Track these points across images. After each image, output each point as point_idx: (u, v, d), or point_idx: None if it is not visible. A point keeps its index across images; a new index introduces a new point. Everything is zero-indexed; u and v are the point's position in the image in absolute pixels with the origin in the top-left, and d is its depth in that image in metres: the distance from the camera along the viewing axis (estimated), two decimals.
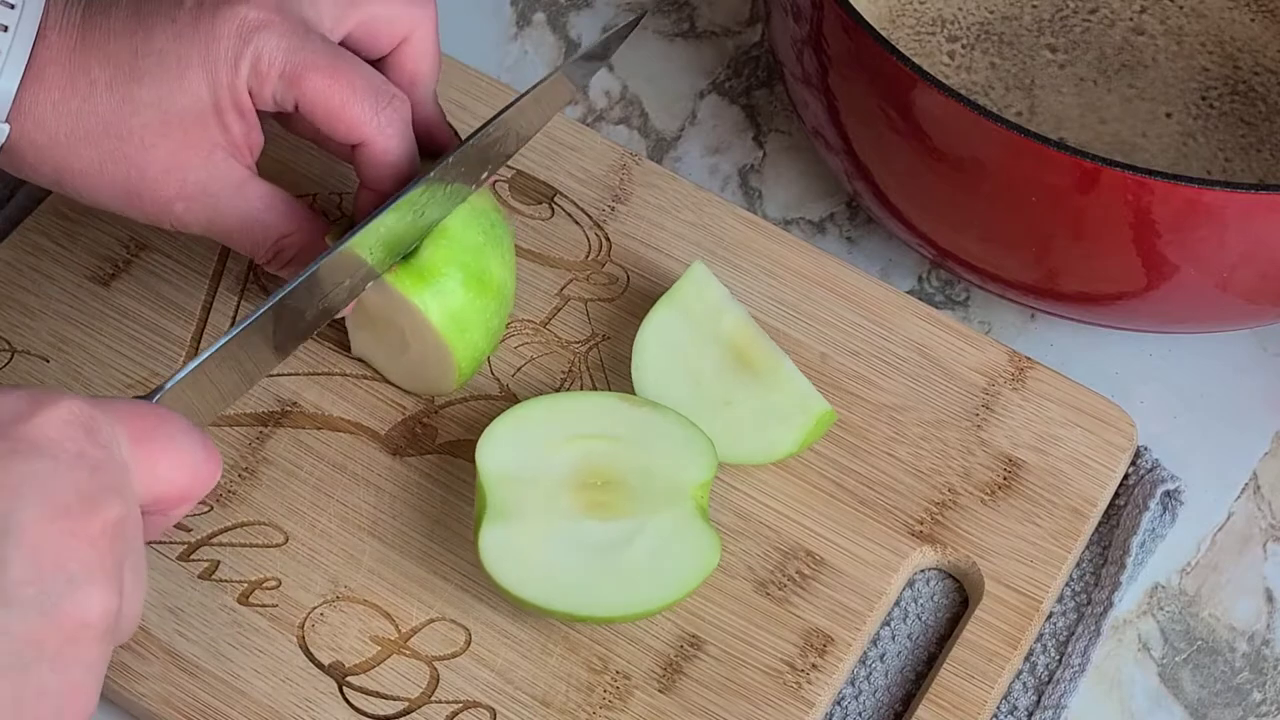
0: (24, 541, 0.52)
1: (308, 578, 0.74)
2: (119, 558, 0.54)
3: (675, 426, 0.73)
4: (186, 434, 0.58)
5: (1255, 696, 0.76)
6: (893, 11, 0.90)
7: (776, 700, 0.72)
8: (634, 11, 0.93)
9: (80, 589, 0.53)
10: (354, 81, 0.69)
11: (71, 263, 0.81)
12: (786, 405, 0.75)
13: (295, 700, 0.71)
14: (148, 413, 0.57)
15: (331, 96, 0.68)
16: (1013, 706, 0.74)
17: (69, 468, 0.53)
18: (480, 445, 0.72)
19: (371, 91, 0.69)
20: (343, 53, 0.69)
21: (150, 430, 0.57)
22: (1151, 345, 0.84)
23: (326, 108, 0.68)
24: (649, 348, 0.77)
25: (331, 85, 0.68)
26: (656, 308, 0.77)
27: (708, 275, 0.77)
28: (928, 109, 0.73)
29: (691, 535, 0.71)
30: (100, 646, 0.54)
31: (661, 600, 0.71)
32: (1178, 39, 0.90)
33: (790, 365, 0.76)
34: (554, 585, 0.70)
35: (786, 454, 0.76)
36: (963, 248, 0.79)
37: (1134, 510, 0.77)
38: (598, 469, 0.73)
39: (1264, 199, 0.70)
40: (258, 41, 0.67)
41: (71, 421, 0.54)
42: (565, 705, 0.72)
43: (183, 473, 0.57)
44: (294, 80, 0.68)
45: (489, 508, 0.71)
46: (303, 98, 0.68)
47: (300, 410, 0.78)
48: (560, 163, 0.85)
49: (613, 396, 0.74)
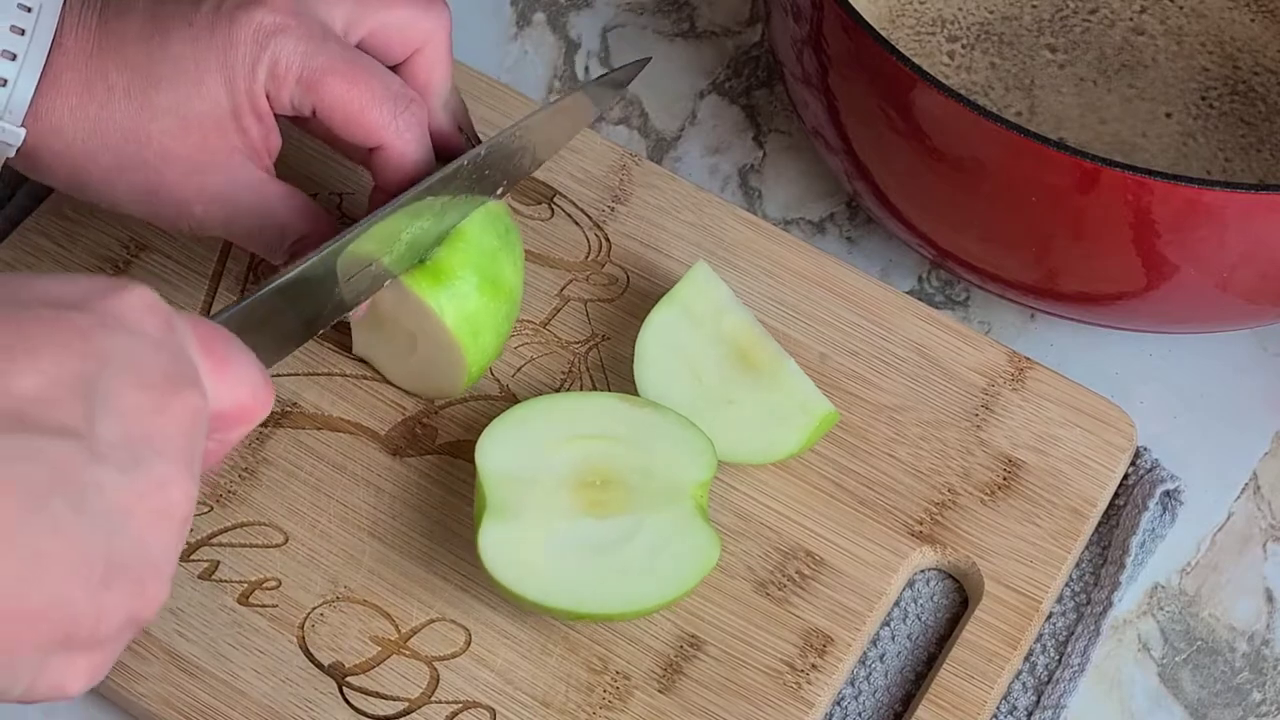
0: (113, 406, 0.51)
1: (308, 578, 0.74)
2: (196, 450, 0.53)
3: (675, 426, 0.73)
4: (246, 353, 0.57)
5: (1255, 696, 0.76)
6: (893, 11, 0.90)
7: (776, 700, 0.72)
8: (634, 11, 0.93)
9: (165, 464, 0.51)
10: (372, 85, 0.69)
11: (71, 263, 0.81)
12: (788, 405, 0.76)
13: (295, 701, 0.71)
14: (213, 328, 0.56)
15: (350, 101, 0.68)
16: (1012, 706, 0.74)
17: (154, 348, 0.52)
18: (480, 445, 0.72)
19: (390, 96, 0.69)
20: (360, 56, 0.69)
21: (216, 343, 0.55)
22: (1151, 345, 0.84)
23: (345, 112, 0.68)
24: (651, 347, 0.77)
25: (350, 90, 0.68)
26: (659, 307, 0.77)
27: (711, 275, 0.77)
28: (928, 109, 0.73)
29: (691, 534, 0.71)
30: (178, 536, 0.52)
31: (660, 598, 0.71)
32: (1178, 39, 0.90)
33: (793, 366, 0.76)
34: (553, 583, 0.70)
35: (788, 454, 0.76)
36: (963, 248, 0.79)
37: (1134, 510, 0.77)
38: (597, 468, 0.73)
39: (1264, 199, 0.70)
40: (275, 46, 0.67)
41: (153, 307, 0.53)
42: (565, 705, 0.72)
43: (244, 390, 0.56)
44: (312, 85, 0.68)
45: (488, 507, 0.71)
46: (321, 102, 0.68)
47: (300, 410, 0.78)
48: (560, 163, 0.85)
49: (612, 397, 0.74)
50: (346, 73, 0.68)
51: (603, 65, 0.92)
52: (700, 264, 0.78)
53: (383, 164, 0.70)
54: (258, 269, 0.81)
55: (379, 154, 0.70)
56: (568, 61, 0.92)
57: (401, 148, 0.70)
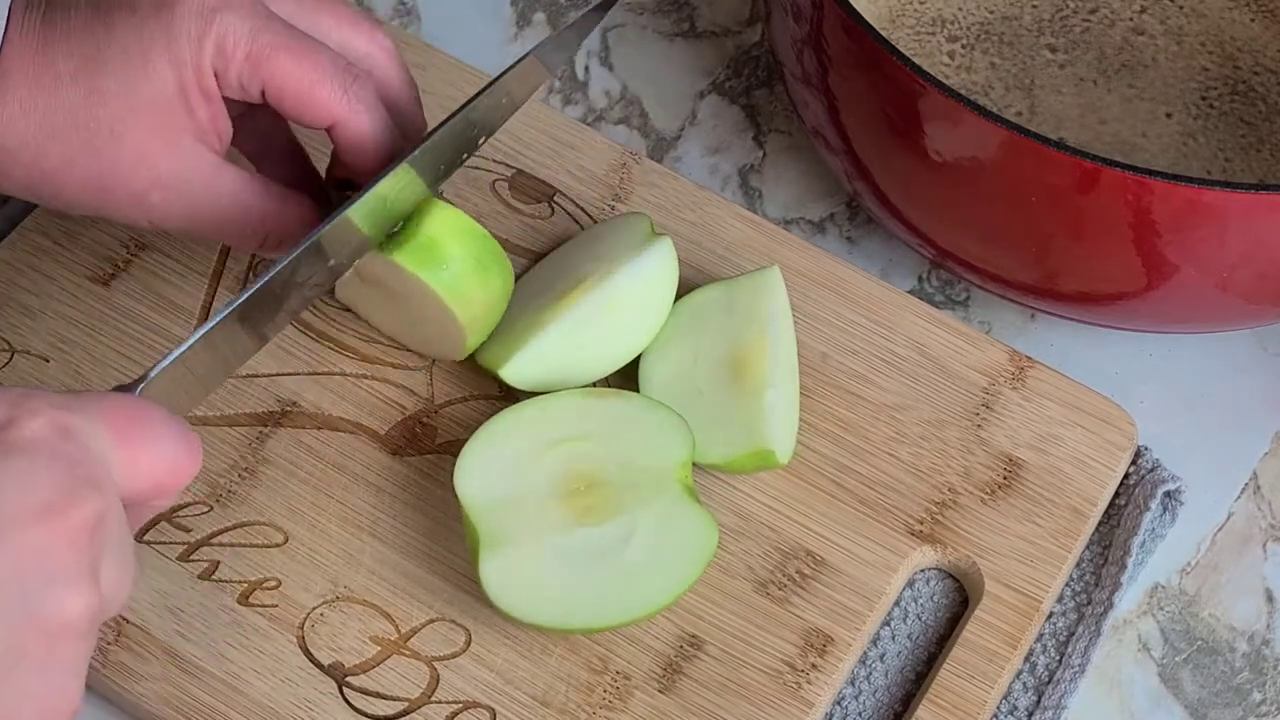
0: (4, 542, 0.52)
1: (308, 578, 0.74)
2: (98, 554, 0.54)
3: (643, 410, 0.73)
4: (166, 425, 0.57)
5: (1255, 696, 0.76)
6: (893, 11, 0.90)
7: (776, 700, 0.72)
8: (634, 11, 0.93)
9: (60, 588, 0.52)
10: (320, 62, 0.69)
11: (71, 263, 0.81)
12: (737, 423, 0.75)
13: (295, 701, 0.71)
14: (127, 405, 0.57)
15: (300, 78, 0.68)
16: (1013, 707, 0.74)
17: (45, 466, 0.53)
18: (457, 478, 0.72)
19: (337, 70, 0.69)
20: (306, 35, 0.69)
21: (129, 423, 0.56)
22: (1151, 345, 0.84)
23: (295, 90, 0.68)
24: (683, 313, 0.77)
25: (299, 66, 0.68)
26: (714, 285, 0.78)
27: (778, 283, 0.78)
28: (928, 109, 0.73)
29: (686, 520, 0.72)
30: (82, 645, 0.53)
31: (674, 591, 0.71)
32: (1178, 39, 0.90)
33: (772, 399, 0.75)
34: (567, 603, 0.70)
35: (708, 463, 0.75)
36: (963, 248, 0.79)
37: (1135, 510, 0.77)
38: (579, 473, 0.73)
39: (1264, 199, 0.70)
40: (220, 22, 0.67)
41: (47, 420, 0.54)
42: (565, 706, 0.72)
43: (163, 463, 0.57)
44: (259, 62, 0.68)
45: (482, 540, 0.71)
46: (270, 80, 0.68)
47: (300, 410, 0.78)
48: (560, 161, 0.85)
49: (573, 395, 0.74)
50: (294, 49, 0.68)
51: (603, 65, 0.92)
52: (775, 269, 0.78)
53: (343, 141, 0.70)
54: (257, 268, 0.81)
55: (336, 130, 0.70)
56: (567, 61, 0.92)
57: (357, 122, 0.69)
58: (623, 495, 0.72)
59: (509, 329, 0.77)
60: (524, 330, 0.76)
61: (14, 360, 0.78)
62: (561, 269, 0.79)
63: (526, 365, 0.75)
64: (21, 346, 0.79)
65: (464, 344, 0.75)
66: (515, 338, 0.76)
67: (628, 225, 0.79)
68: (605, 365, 0.77)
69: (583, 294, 0.76)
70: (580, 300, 0.76)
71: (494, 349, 0.76)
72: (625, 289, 0.76)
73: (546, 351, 0.75)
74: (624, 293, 0.76)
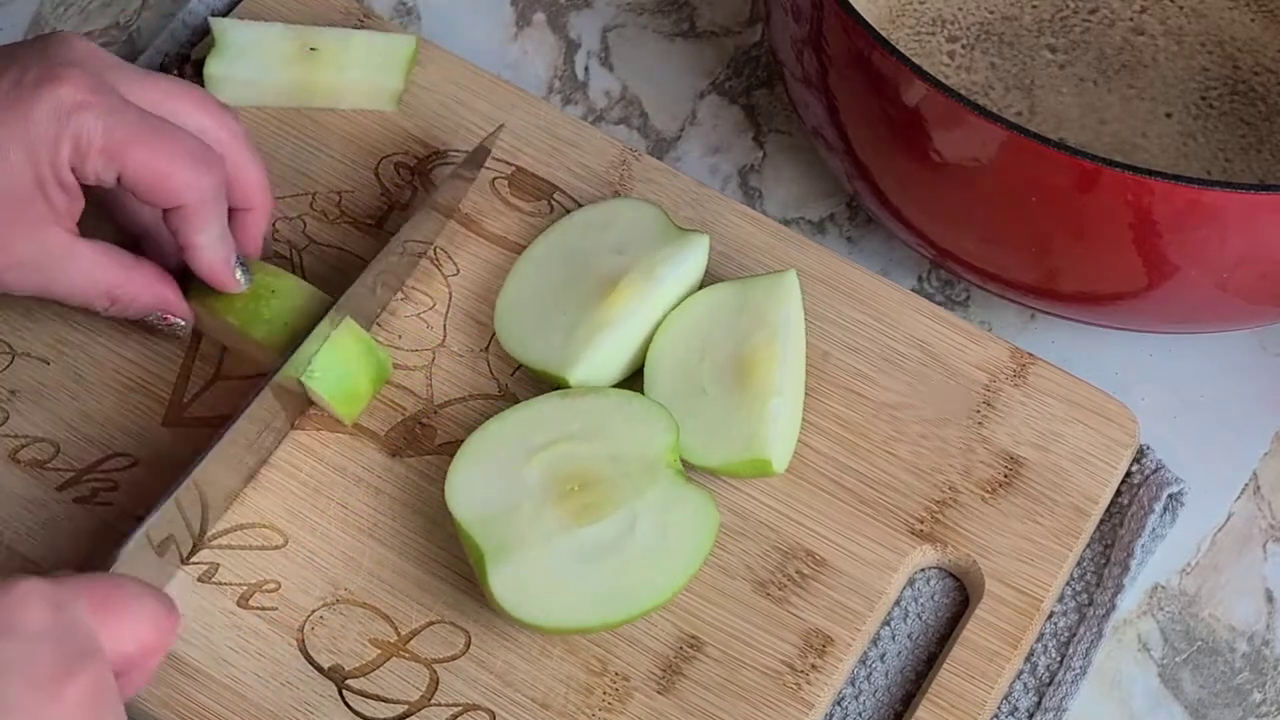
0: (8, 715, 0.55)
1: (307, 580, 0.74)
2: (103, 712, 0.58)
3: (620, 402, 0.74)
4: (141, 596, 0.61)
5: (1255, 697, 0.76)
6: (893, 11, 0.90)
7: (776, 701, 0.72)
8: (634, 11, 0.93)
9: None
10: (175, 150, 0.71)
11: None
12: (738, 430, 0.75)
13: (295, 704, 0.71)
14: (103, 583, 0.61)
15: (155, 169, 0.70)
16: (1014, 707, 0.74)
17: (40, 642, 0.57)
18: (449, 496, 0.73)
19: (191, 158, 0.71)
20: (162, 123, 0.71)
21: (107, 598, 0.60)
22: (1151, 345, 0.84)
23: (150, 179, 0.71)
24: (699, 305, 0.78)
25: (153, 157, 0.70)
26: (726, 284, 0.79)
27: (793, 287, 0.78)
28: (928, 109, 0.73)
29: (685, 499, 0.72)
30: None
31: (689, 569, 0.72)
32: (1178, 39, 0.90)
33: (777, 406, 0.75)
34: (582, 602, 0.71)
35: (706, 466, 0.75)
36: (963, 248, 0.79)
37: (1139, 512, 0.77)
38: (569, 473, 0.73)
39: (1264, 199, 0.70)
40: (74, 124, 0.69)
41: (36, 600, 0.58)
42: (564, 707, 0.72)
43: (144, 630, 0.61)
44: (114, 155, 0.70)
45: (487, 553, 0.71)
46: (125, 171, 0.70)
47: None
48: (560, 159, 0.85)
49: (550, 398, 0.75)
50: (149, 140, 0.70)
51: (603, 65, 0.92)
52: (792, 272, 0.78)
53: (182, 222, 0.72)
54: None
55: (178, 213, 0.72)
56: (568, 62, 0.92)
57: (202, 209, 0.72)
58: (618, 488, 0.72)
59: (548, 326, 0.78)
60: (585, 334, 0.77)
61: (15, 362, 0.78)
62: (577, 256, 0.80)
63: (594, 367, 0.77)
64: (22, 349, 0.79)
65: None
66: (577, 341, 0.77)
67: (637, 211, 0.80)
68: (643, 355, 0.78)
69: (631, 291, 0.78)
70: (629, 298, 0.78)
71: (547, 353, 0.77)
72: (668, 285, 0.78)
73: (606, 350, 0.77)
74: (665, 288, 0.78)
